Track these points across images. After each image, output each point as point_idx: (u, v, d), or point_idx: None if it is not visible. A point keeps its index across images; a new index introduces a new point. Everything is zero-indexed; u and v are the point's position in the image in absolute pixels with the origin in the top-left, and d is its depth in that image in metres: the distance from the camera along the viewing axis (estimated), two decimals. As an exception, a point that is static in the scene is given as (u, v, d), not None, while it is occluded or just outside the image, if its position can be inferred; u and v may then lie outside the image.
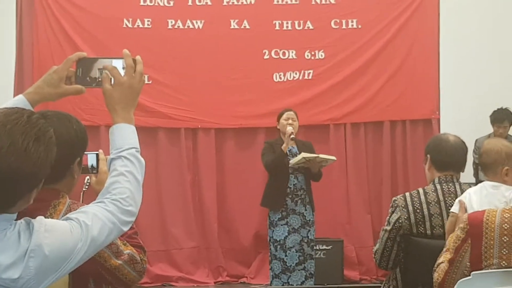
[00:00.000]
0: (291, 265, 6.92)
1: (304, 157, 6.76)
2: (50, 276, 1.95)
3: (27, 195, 1.94)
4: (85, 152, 2.71)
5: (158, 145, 8.71)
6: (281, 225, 6.99)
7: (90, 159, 2.82)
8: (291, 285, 6.94)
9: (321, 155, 6.95)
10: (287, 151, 7.02)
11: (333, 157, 7.09)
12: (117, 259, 2.57)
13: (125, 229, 2.16)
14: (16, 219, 1.95)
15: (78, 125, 2.59)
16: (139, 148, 2.28)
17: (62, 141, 2.18)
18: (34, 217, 1.98)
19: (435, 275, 3.35)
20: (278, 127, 7.28)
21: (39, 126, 1.93)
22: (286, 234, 6.96)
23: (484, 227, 3.14)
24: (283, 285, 6.97)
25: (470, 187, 3.90)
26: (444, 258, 3.31)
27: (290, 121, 7.11)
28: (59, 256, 1.93)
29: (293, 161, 6.86)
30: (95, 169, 2.85)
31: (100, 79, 2.30)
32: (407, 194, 4.02)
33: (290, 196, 7.02)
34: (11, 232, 1.90)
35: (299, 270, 6.96)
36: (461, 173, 4.12)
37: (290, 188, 7.04)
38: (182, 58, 8.75)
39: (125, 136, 2.25)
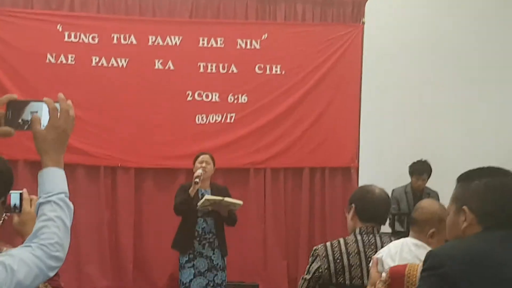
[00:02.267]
0: None
1: (207, 199, 7.05)
2: None
3: None
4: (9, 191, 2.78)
5: (76, 182, 8.85)
6: (188, 267, 7.24)
7: (13, 198, 2.89)
8: None
9: (226, 199, 7.16)
10: (199, 195, 7.27)
11: (240, 202, 7.29)
12: None
13: (51, 274, 2.20)
14: None
15: (3, 164, 2.68)
16: (68, 193, 2.33)
17: None
18: None
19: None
20: (193, 170, 7.53)
21: None
22: (192, 277, 7.20)
23: (405, 280, 3.27)
24: None
25: (390, 239, 4.15)
26: None
27: (204, 164, 7.40)
28: None
29: (199, 203, 7.10)
30: (17, 209, 2.91)
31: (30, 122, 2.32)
32: (328, 243, 4.18)
33: (198, 239, 7.28)
34: None
35: None
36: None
37: (198, 231, 7.31)
38: (105, 96, 9.05)
39: (55, 180, 2.29)
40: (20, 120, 2.34)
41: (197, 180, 7.17)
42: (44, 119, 2.33)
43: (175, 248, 7.50)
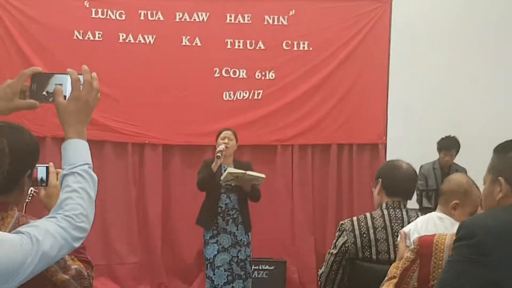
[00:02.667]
0: (218, 284, 7.17)
1: (230, 173, 7.00)
2: None
3: None
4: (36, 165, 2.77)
5: (104, 159, 9.01)
6: (212, 243, 7.24)
7: (40, 172, 2.88)
8: None
9: (249, 172, 7.09)
10: (222, 171, 7.22)
11: (262, 175, 7.19)
12: (64, 274, 2.64)
13: (76, 245, 2.19)
14: None
15: (31, 137, 2.66)
16: (92, 164, 2.32)
17: (13, 153, 2.21)
18: None
19: (378, 303, 3.40)
20: (216, 146, 7.47)
21: None
22: (216, 252, 7.19)
23: (434, 247, 3.19)
24: None
25: (417, 214, 4.11)
26: (386, 286, 3.34)
27: (226, 140, 7.35)
28: (9, 269, 1.96)
29: (222, 177, 7.08)
30: (44, 182, 2.90)
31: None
32: (354, 218, 4.16)
33: (221, 215, 7.26)
34: None
35: None
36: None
37: (221, 207, 7.27)
38: (132, 73, 9.10)
39: (78, 152, 2.29)
40: (44, 93, 2.35)
41: (219, 155, 7.14)
42: (67, 91, 2.33)
43: (199, 224, 7.50)
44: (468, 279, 2.41)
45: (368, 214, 4.18)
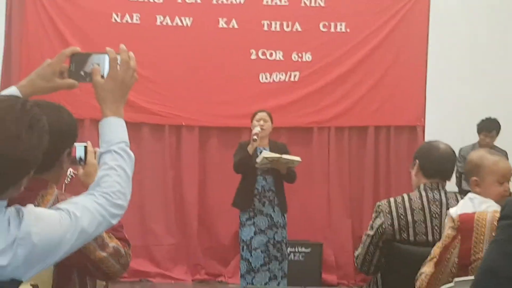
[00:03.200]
0: (255, 266, 7.17)
1: (265, 157, 7.01)
2: (38, 265, 2.03)
3: (18, 182, 2.02)
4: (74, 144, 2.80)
5: (141, 141, 9.08)
6: (248, 225, 7.26)
7: (78, 150, 2.92)
8: (262, 285, 7.18)
9: (284, 156, 7.08)
10: (258, 153, 7.22)
11: (298, 158, 7.18)
12: (102, 251, 2.66)
13: (114, 222, 2.24)
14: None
15: (69, 116, 2.70)
16: (129, 142, 2.36)
17: (53, 131, 2.23)
18: (23, 206, 2.06)
19: (417, 283, 3.46)
20: (251, 127, 7.48)
21: (32, 113, 2.01)
22: (252, 234, 7.22)
23: (475, 223, 3.26)
24: (247, 285, 7.21)
25: (456, 196, 4.13)
26: (428, 266, 3.42)
27: (261, 122, 7.35)
28: (48, 245, 2.01)
29: (257, 161, 7.10)
30: (82, 161, 2.95)
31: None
32: (392, 199, 4.13)
33: (257, 197, 7.27)
34: (1, 219, 1.98)
35: (263, 271, 7.19)
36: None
37: (258, 189, 7.28)
38: (169, 55, 9.12)
39: (115, 130, 2.33)
40: (82, 72, 2.41)
41: (255, 137, 7.13)
42: (105, 70, 2.37)
43: (235, 206, 7.52)
44: None
45: (405, 195, 4.14)
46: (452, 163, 4.26)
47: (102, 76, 2.36)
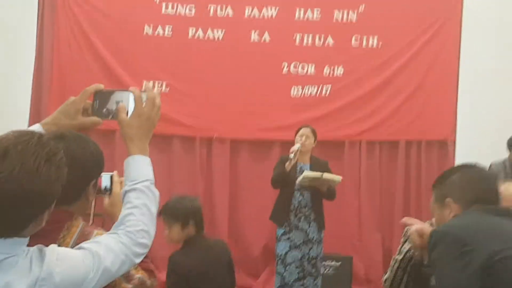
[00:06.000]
0: (289, 281, 7.15)
1: (306, 176, 7.02)
2: None
3: (39, 216, 2.00)
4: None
5: (172, 153, 9.17)
6: (284, 240, 7.23)
7: (104, 180, 2.90)
8: None
9: (325, 175, 7.07)
10: (298, 168, 7.25)
11: (339, 178, 7.16)
12: (127, 283, 2.67)
13: (138, 261, 2.24)
14: (30, 241, 2.02)
15: (95, 147, 2.63)
16: (154, 180, 2.36)
17: (78, 163, 2.26)
18: (48, 239, 2.09)
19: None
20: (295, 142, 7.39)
21: (49, 146, 2.00)
22: (288, 249, 7.18)
23: None
24: None
25: None
26: None
27: (303, 138, 7.30)
28: (70, 284, 2.01)
29: (298, 180, 7.10)
30: (108, 191, 2.92)
31: (115, 111, 2.40)
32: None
33: (294, 212, 7.25)
34: (23, 260, 1.96)
35: (297, 287, 7.16)
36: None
37: (294, 204, 7.27)
38: (200, 67, 9.18)
39: (140, 168, 2.35)
40: (104, 110, 2.44)
41: (291, 155, 7.08)
42: (130, 107, 2.40)
43: (272, 220, 7.50)
44: (461, 273, 2.66)
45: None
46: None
47: (127, 114, 2.39)
